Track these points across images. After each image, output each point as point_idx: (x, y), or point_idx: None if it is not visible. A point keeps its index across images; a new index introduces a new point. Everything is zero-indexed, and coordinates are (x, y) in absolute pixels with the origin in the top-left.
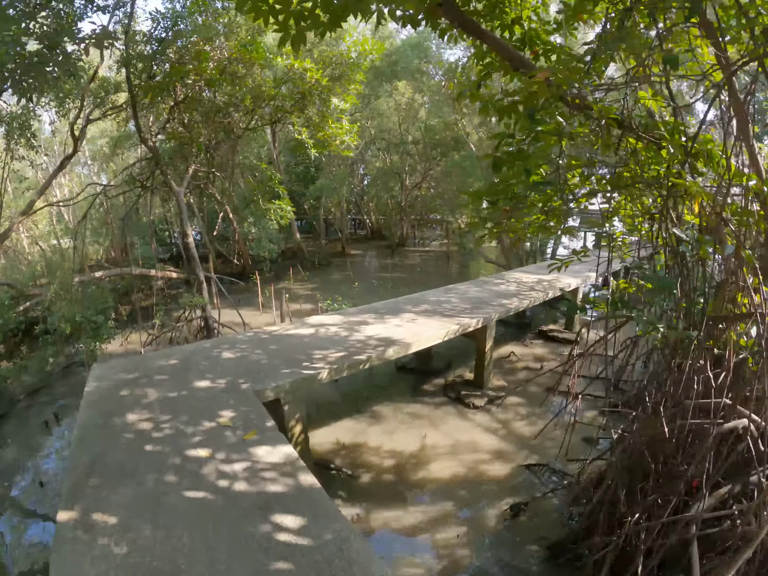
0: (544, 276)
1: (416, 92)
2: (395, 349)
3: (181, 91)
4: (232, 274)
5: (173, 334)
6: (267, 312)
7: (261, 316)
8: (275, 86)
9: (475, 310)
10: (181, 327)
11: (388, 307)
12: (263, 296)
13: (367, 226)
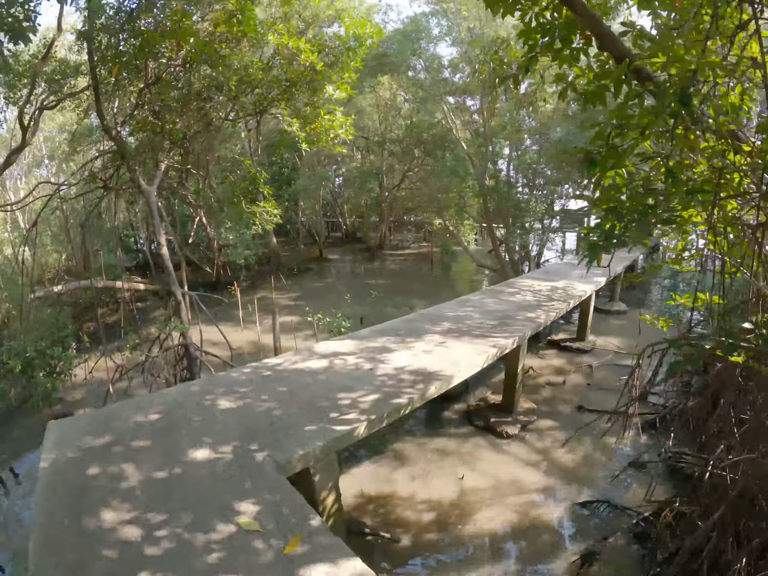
0: (555, 283)
1: (401, 88)
2: (437, 385)
3: (153, 70)
4: (204, 284)
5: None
6: (249, 327)
7: (243, 334)
8: (263, 69)
9: (503, 327)
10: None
11: (406, 327)
12: (244, 310)
13: (342, 229)
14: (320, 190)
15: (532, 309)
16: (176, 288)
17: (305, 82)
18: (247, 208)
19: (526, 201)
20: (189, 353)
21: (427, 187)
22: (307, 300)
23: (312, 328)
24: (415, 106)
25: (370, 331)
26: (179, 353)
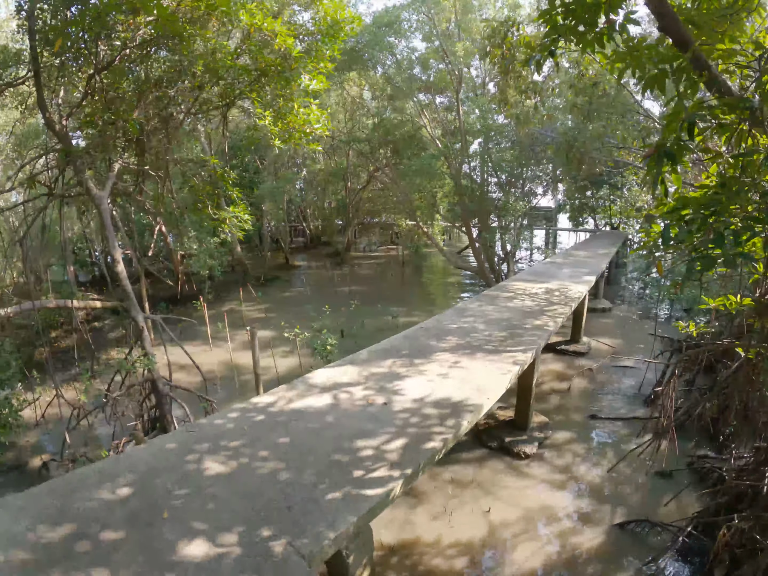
0: (548, 284)
1: (370, 85)
2: (469, 418)
3: (104, 54)
4: (166, 298)
5: (109, 408)
6: (218, 345)
7: (214, 354)
8: (234, 55)
9: (515, 338)
10: (119, 396)
11: (409, 346)
12: (211, 325)
13: (306, 234)
14: (284, 193)
15: (537, 315)
16: (137, 312)
17: (277, 72)
18: (214, 213)
19: (505, 199)
20: (157, 389)
21: (397, 187)
22: (279, 312)
23: (290, 344)
24: (384, 103)
25: (369, 353)
26: (145, 389)
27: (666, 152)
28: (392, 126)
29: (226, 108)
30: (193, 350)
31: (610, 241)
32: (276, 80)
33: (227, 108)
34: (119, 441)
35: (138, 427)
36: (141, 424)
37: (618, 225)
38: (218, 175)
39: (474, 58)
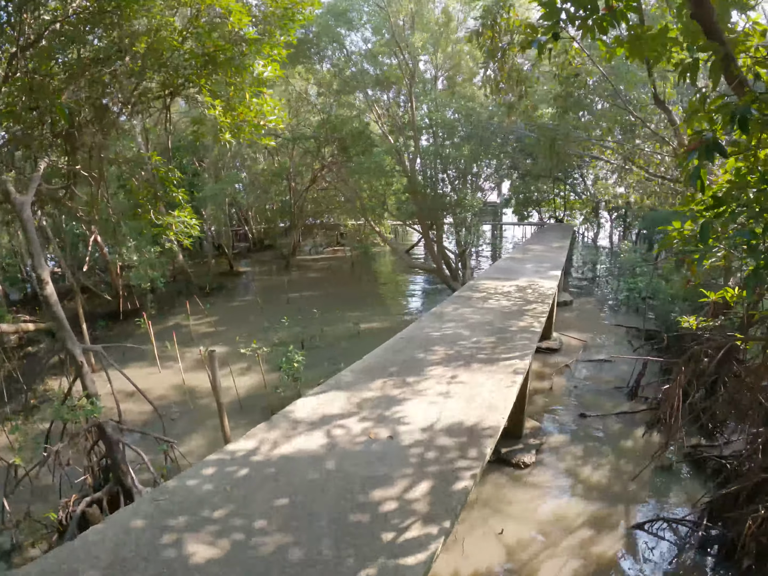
0: (516, 281)
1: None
2: (489, 444)
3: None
4: (105, 314)
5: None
6: (167, 365)
7: (163, 376)
8: (181, 36)
9: (505, 343)
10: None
11: (395, 361)
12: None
13: (248, 238)
14: (227, 196)
15: (518, 316)
16: (73, 344)
17: (228, 59)
18: (157, 219)
19: (461, 195)
20: (105, 435)
21: (346, 185)
22: (230, 324)
23: (247, 360)
24: (331, 100)
25: (353, 374)
26: (92, 436)
27: (715, 146)
28: (339, 122)
29: (169, 98)
30: (140, 373)
31: (560, 234)
32: (226, 67)
33: (171, 98)
34: (68, 499)
35: (88, 481)
36: (91, 475)
37: (562, 218)
38: (160, 175)
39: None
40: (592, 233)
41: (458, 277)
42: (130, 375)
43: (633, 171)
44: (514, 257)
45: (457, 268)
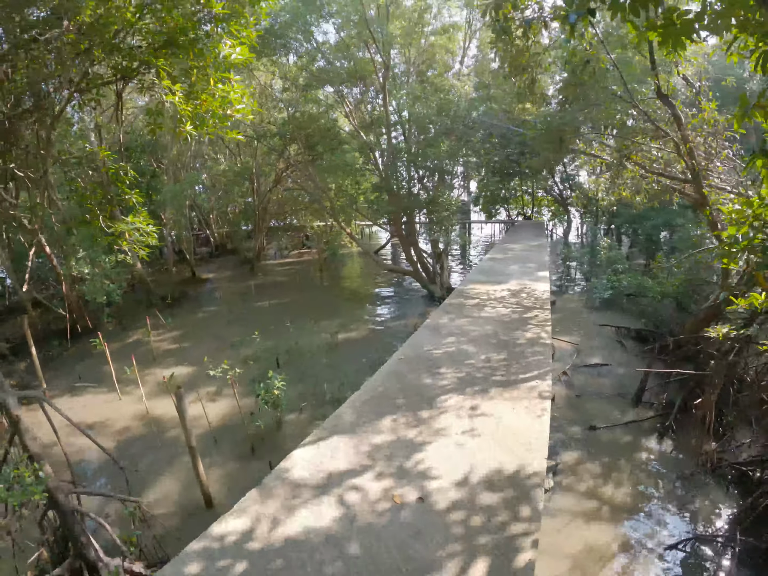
0: (507, 284)
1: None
2: (538, 495)
3: None
4: (59, 331)
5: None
6: (128, 392)
7: (124, 404)
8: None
9: (519, 359)
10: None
11: (401, 390)
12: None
13: (210, 242)
14: (186, 199)
15: (522, 326)
16: (5, 393)
17: (191, 39)
18: (107, 226)
19: (437, 192)
20: (57, 504)
21: (314, 185)
22: (195, 339)
23: (217, 382)
24: (297, 96)
25: (354, 410)
26: (42, 505)
27: None
28: (306, 119)
29: (121, 83)
30: (98, 401)
31: (533, 231)
32: (188, 48)
33: (123, 84)
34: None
35: (44, 556)
36: (47, 548)
37: (530, 215)
38: (111, 174)
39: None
40: (561, 229)
41: (436, 279)
42: (87, 403)
43: (627, 168)
44: (495, 257)
45: (434, 269)
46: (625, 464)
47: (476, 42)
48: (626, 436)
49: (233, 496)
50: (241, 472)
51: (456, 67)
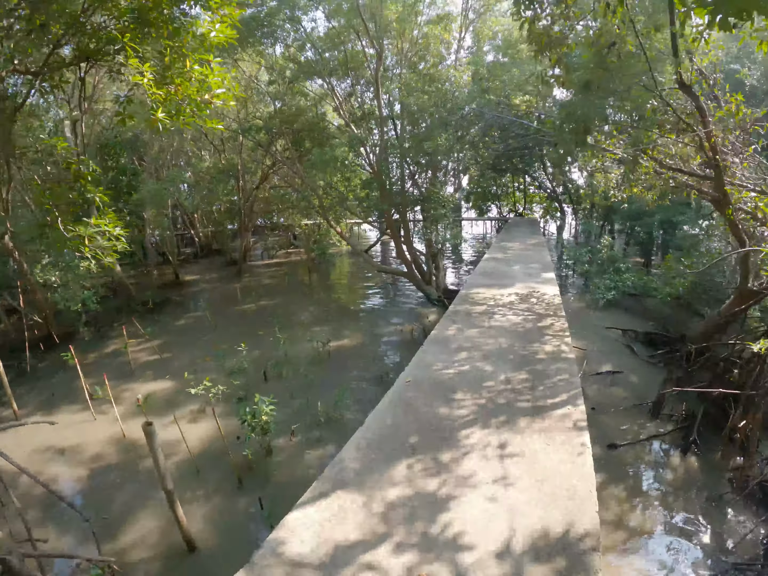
0: (513, 288)
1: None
2: (597, 562)
3: None
4: (34, 341)
5: None
6: (103, 411)
7: (98, 426)
8: None
9: (540, 378)
10: None
11: (413, 426)
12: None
13: (195, 242)
14: (169, 197)
15: (538, 337)
16: None
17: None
18: (68, 230)
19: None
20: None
21: (302, 182)
22: (176, 349)
23: (200, 400)
24: (283, 89)
25: (360, 454)
26: None
27: None
28: (293, 113)
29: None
30: (72, 422)
31: (529, 229)
32: (162, 27)
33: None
34: None
35: None
36: None
37: (522, 211)
38: (72, 170)
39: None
40: (554, 226)
41: (431, 280)
42: (60, 422)
43: (642, 163)
44: (495, 257)
45: (429, 270)
46: (650, 486)
47: (471, 33)
48: (648, 453)
49: (218, 537)
50: (227, 509)
51: (451, 59)
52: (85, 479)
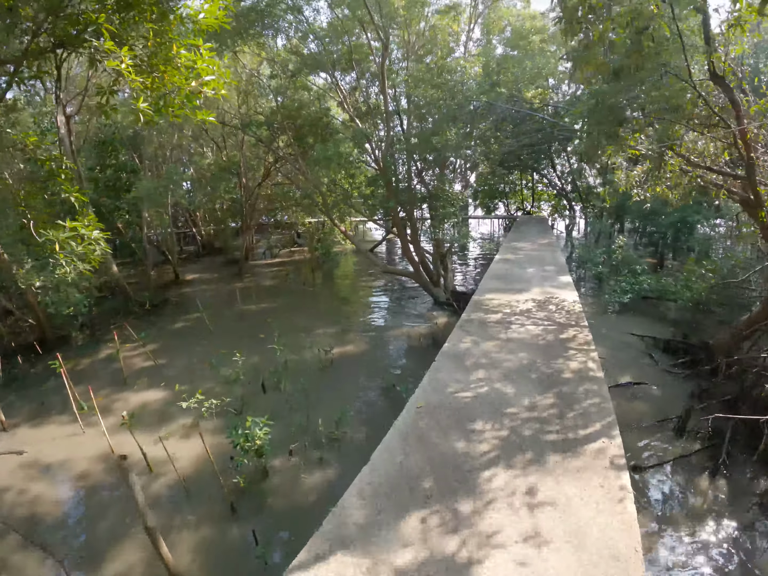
0: (529, 293)
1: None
2: None
3: None
4: (28, 345)
5: None
6: (92, 424)
7: (86, 440)
8: None
9: (570, 404)
10: None
11: (425, 464)
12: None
13: (197, 240)
14: (169, 194)
15: (561, 351)
16: None
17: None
18: (39, 234)
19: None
20: None
21: (305, 180)
22: (172, 354)
23: (193, 413)
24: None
25: (364, 504)
26: None
27: None
28: (296, 107)
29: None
30: (60, 434)
31: (539, 228)
32: (147, 10)
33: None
34: None
35: None
36: None
37: (529, 210)
38: (47, 166)
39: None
40: (562, 225)
41: (439, 281)
42: (48, 435)
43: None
44: (507, 259)
45: (437, 271)
46: (678, 514)
47: (480, 26)
48: (675, 475)
49: (209, 572)
50: (218, 540)
51: (460, 51)
52: (68, 501)
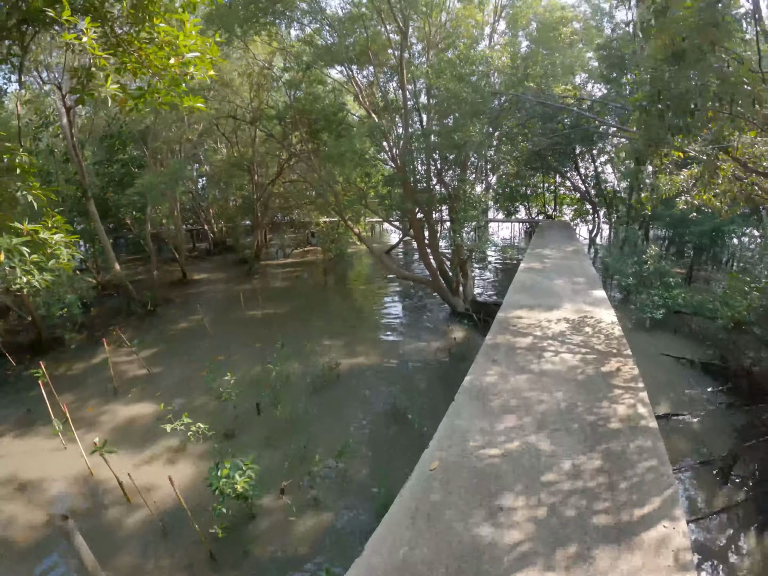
0: (560, 311)
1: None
2: None
3: None
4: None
5: None
6: (73, 440)
7: (67, 457)
8: None
9: (620, 466)
10: None
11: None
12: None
13: (209, 238)
14: (176, 189)
15: (604, 389)
16: None
17: None
18: None
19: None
20: None
21: (319, 178)
22: (169, 361)
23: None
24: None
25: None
26: None
27: None
28: (310, 101)
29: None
30: (42, 449)
31: (563, 234)
32: None
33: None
34: None
35: None
36: None
37: (551, 214)
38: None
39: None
40: (585, 230)
41: (458, 290)
42: (29, 448)
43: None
44: (532, 268)
45: (456, 278)
46: None
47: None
48: (718, 531)
49: None
50: None
51: (484, 43)
52: (39, 528)
